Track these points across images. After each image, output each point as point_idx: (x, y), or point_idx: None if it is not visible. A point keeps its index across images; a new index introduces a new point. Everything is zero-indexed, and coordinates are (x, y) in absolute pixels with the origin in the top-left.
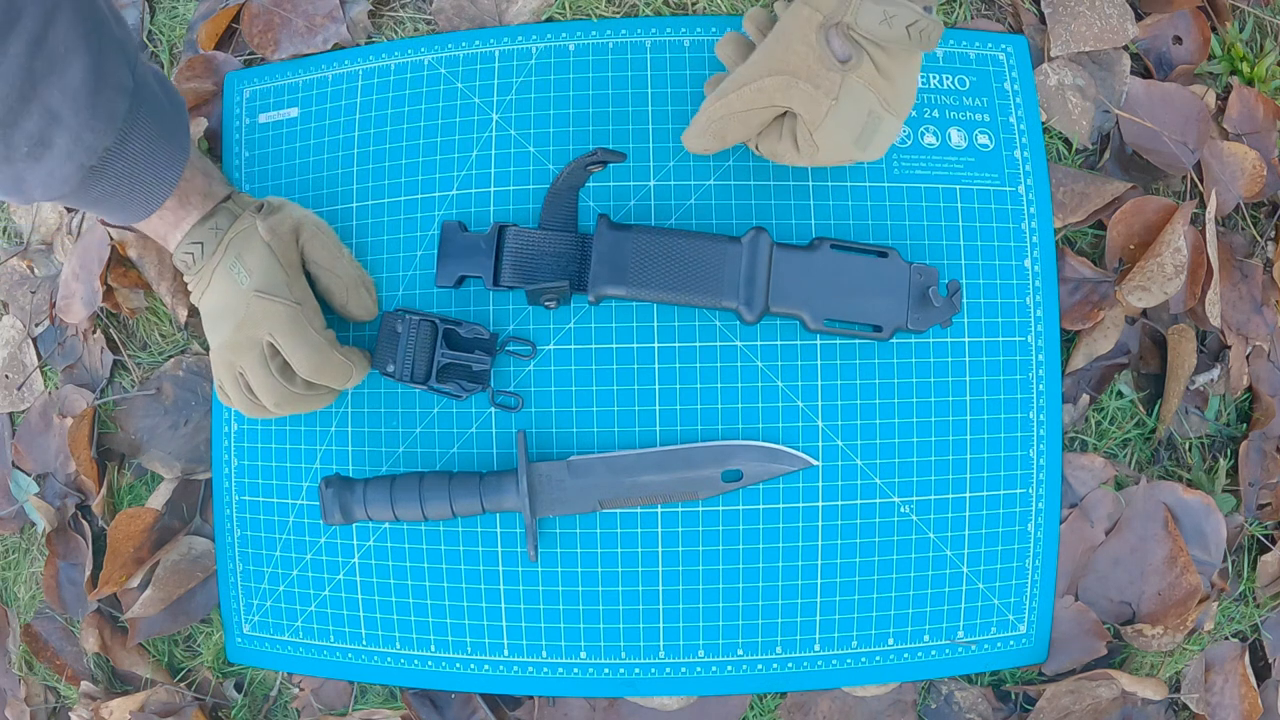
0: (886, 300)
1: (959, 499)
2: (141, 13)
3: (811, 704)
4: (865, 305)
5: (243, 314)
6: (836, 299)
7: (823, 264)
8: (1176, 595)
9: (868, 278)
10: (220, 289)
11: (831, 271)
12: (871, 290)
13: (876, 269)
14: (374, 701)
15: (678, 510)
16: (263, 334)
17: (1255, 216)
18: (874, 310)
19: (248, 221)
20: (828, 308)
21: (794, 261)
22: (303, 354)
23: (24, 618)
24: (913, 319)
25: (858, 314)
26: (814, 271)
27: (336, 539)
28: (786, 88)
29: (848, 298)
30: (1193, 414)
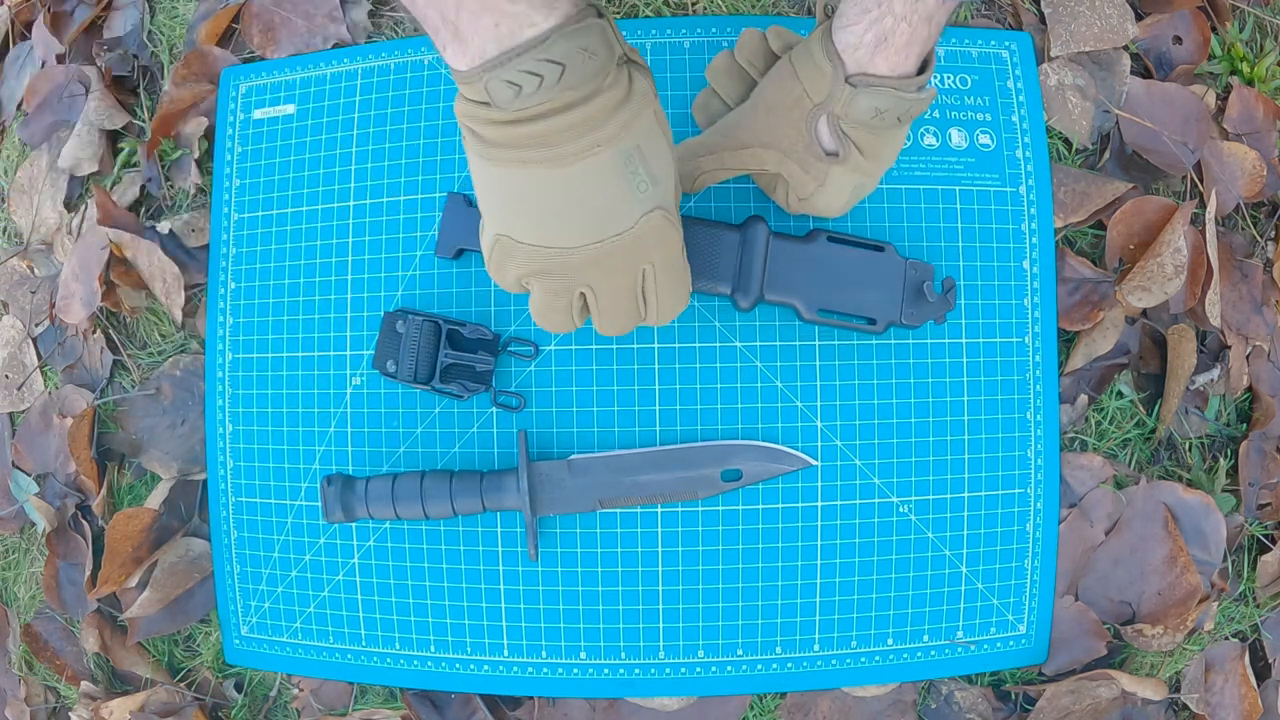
0: (881, 294)
1: (958, 499)
2: (141, 13)
3: (811, 704)
4: (860, 298)
5: (630, 232)
6: (831, 290)
7: (819, 255)
8: (1176, 595)
9: (863, 271)
10: (597, 179)
11: (827, 263)
12: (867, 284)
13: (872, 263)
14: (374, 701)
15: (678, 510)
16: (647, 263)
17: (1255, 216)
18: (869, 303)
19: (647, 91)
20: (823, 298)
21: (790, 251)
22: (674, 295)
23: (24, 618)
24: (907, 314)
25: (853, 306)
26: (810, 262)
27: (336, 539)
28: (779, 163)
29: (843, 290)
30: (1193, 414)
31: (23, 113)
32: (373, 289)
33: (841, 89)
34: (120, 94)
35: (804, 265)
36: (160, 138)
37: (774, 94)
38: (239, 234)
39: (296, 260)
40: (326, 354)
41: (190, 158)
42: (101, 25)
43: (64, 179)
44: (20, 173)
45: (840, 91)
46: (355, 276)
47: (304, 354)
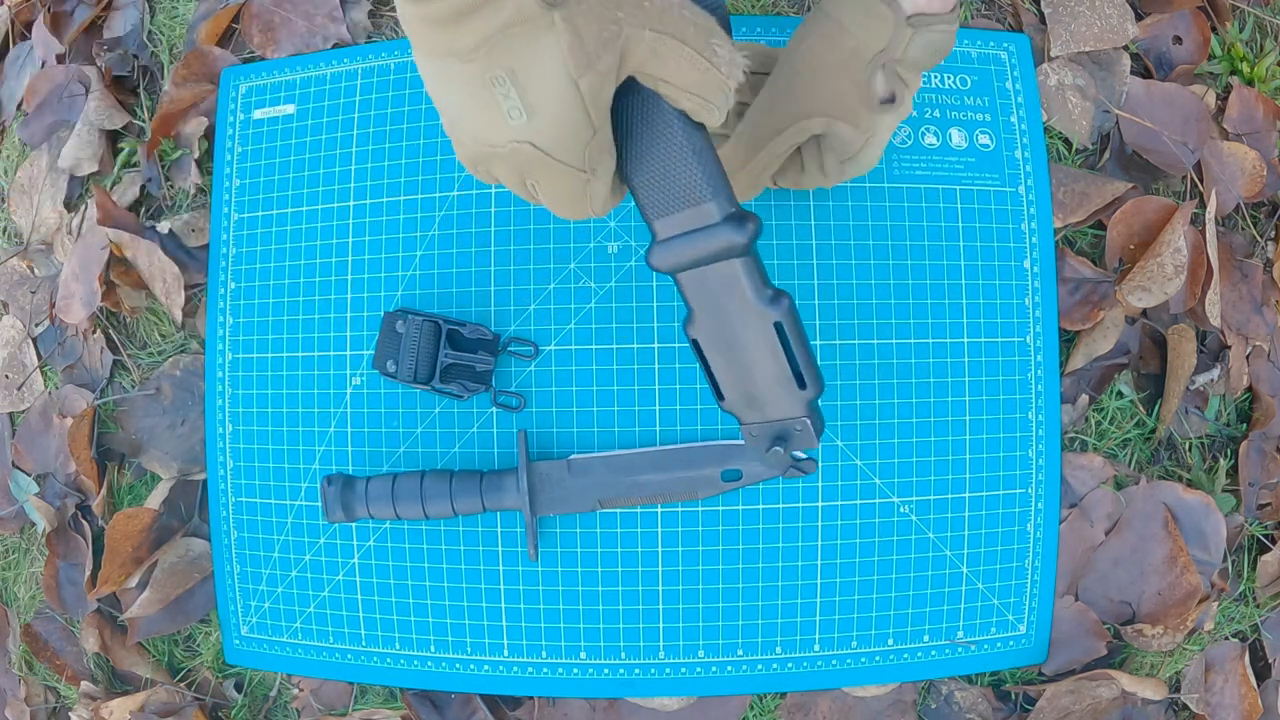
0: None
1: (958, 499)
2: (141, 13)
3: (811, 704)
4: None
5: (502, 151)
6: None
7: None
8: (1176, 595)
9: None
10: (463, 87)
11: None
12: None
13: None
14: (374, 701)
15: (678, 510)
16: (531, 179)
17: (1255, 216)
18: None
19: (553, 24)
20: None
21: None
22: (568, 211)
23: (24, 618)
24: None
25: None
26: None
27: (336, 539)
28: (826, 126)
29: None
30: (1193, 414)
31: (23, 113)
32: (373, 289)
33: (903, 32)
34: (120, 94)
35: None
36: (160, 138)
37: (819, 55)
38: (239, 234)
39: (296, 260)
40: (326, 354)
41: (190, 158)
42: (101, 25)
43: (64, 179)
44: (20, 173)
45: (902, 35)
46: (355, 276)
47: (304, 354)
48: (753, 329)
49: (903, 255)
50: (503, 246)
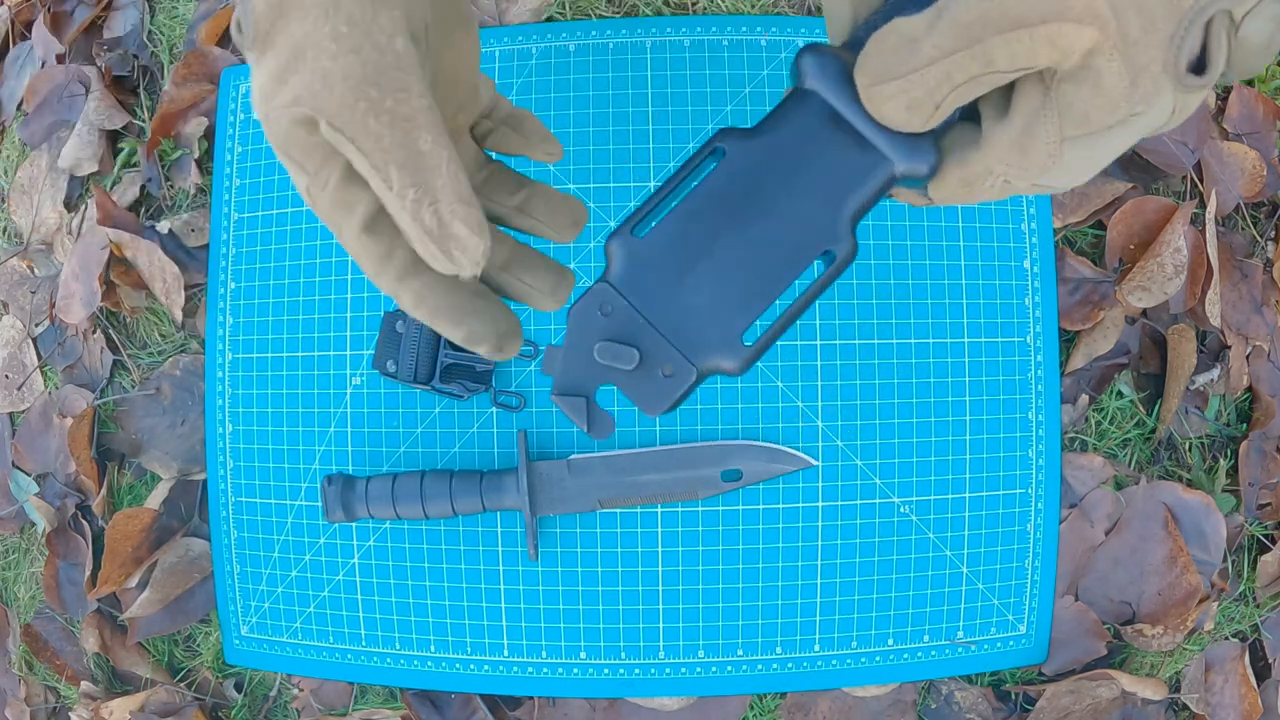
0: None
1: (959, 499)
2: (141, 13)
3: (811, 704)
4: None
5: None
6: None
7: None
8: (1176, 595)
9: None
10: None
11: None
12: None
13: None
14: (374, 701)
15: (678, 510)
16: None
17: (1255, 216)
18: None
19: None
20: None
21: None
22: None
23: (24, 618)
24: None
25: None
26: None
27: (336, 539)
28: (1090, 56)
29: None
30: (1193, 414)
31: (23, 113)
32: (373, 289)
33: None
34: (120, 94)
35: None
36: (160, 138)
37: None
38: (239, 234)
39: (296, 260)
40: (326, 354)
41: (190, 158)
42: (101, 25)
43: (64, 179)
44: (20, 173)
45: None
46: (355, 276)
47: (304, 354)
48: (801, 229)
49: (903, 255)
50: None
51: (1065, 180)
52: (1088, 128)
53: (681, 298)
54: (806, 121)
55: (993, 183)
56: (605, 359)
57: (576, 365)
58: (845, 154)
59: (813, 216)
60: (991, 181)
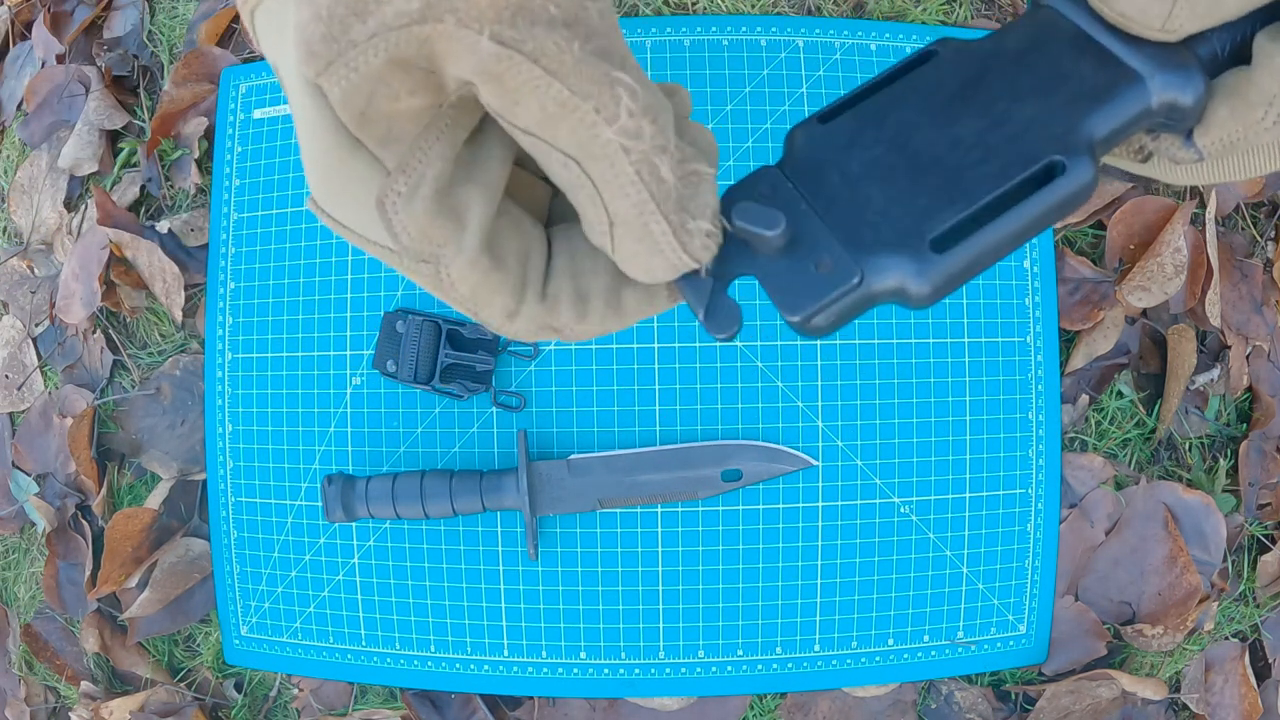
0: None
1: (959, 499)
2: (141, 13)
3: (811, 704)
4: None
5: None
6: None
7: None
8: (1176, 595)
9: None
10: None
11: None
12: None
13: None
14: (374, 701)
15: (678, 510)
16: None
17: (1255, 216)
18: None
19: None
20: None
21: None
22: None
23: (24, 618)
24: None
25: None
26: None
27: (336, 539)
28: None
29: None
30: (1193, 414)
31: (23, 113)
32: (373, 289)
33: None
34: (120, 94)
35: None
36: (160, 138)
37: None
38: (239, 234)
39: (296, 260)
40: (326, 354)
41: (190, 158)
42: (101, 25)
43: (64, 179)
44: (20, 173)
45: None
46: (355, 276)
47: (304, 354)
48: (1022, 133)
49: None
50: None
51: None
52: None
53: (862, 190)
54: (1042, 33)
55: (1276, 115)
56: (744, 221)
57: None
58: (1091, 68)
59: (1043, 122)
60: (1275, 114)
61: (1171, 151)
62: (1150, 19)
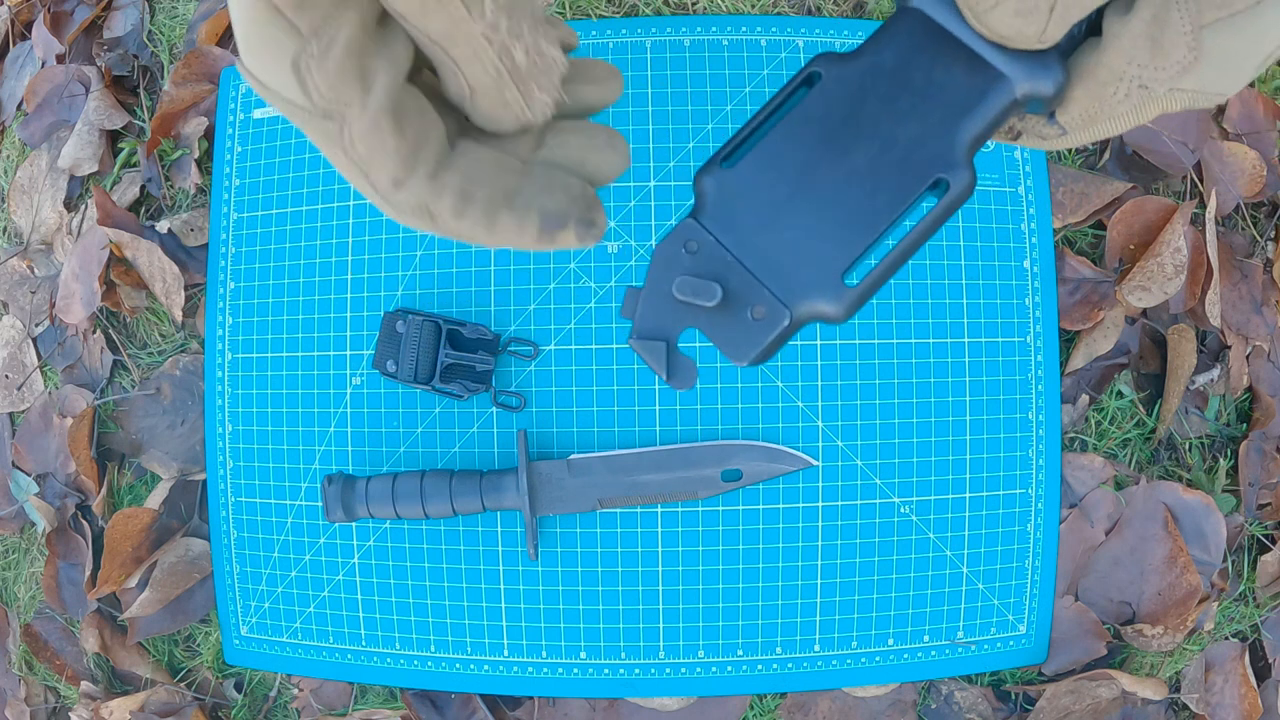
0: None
1: (959, 499)
2: (141, 13)
3: (811, 704)
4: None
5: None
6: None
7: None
8: (1176, 595)
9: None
10: None
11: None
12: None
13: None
14: (374, 701)
15: (678, 510)
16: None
17: (1255, 216)
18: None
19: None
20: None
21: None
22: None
23: (24, 618)
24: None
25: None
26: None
27: (336, 539)
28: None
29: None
30: (1193, 414)
31: (23, 113)
32: (373, 289)
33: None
34: (120, 94)
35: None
36: (160, 138)
37: None
38: (239, 234)
39: (296, 260)
40: (326, 354)
41: (190, 158)
42: (101, 25)
43: (64, 179)
44: (20, 173)
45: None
46: (355, 276)
47: (304, 354)
48: (908, 155)
49: None
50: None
51: (1216, 81)
52: (1228, 7)
53: (776, 234)
54: (912, 41)
55: (1126, 89)
56: (684, 295)
57: (657, 307)
58: (959, 75)
59: (923, 141)
60: (1125, 88)
61: (1038, 129)
62: (1028, 39)
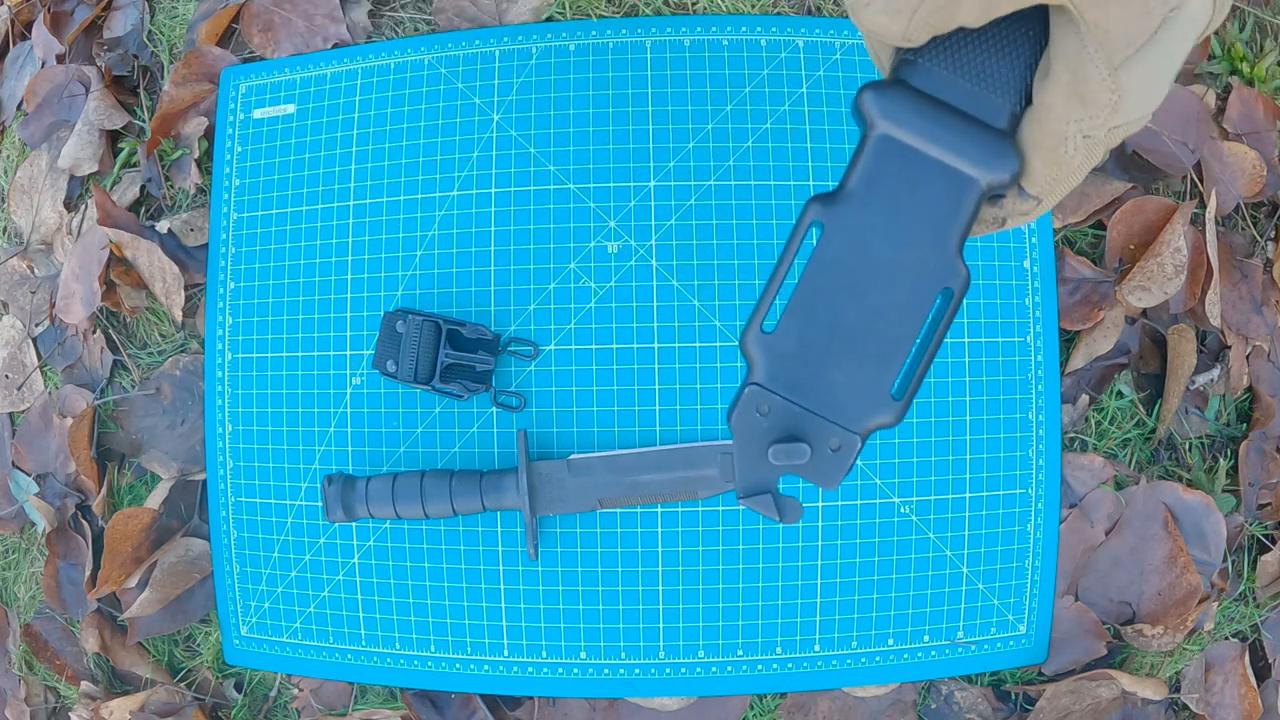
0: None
1: (959, 499)
2: (141, 13)
3: (811, 704)
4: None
5: None
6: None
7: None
8: (1176, 595)
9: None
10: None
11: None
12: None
13: None
14: (374, 701)
15: (678, 510)
16: None
17: (1255, 216)
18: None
19: None
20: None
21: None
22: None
23: (24, 618)
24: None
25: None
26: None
27: (336, 539)
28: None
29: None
30: (1193, 414)
31: (23, 113)
32: (373, 289)
33: None
34: (120, 94)
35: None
36: (160, 138)
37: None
38: (239, 234)
39: (296, 260)
40: (326, 354)
41: (190, 158)
42: (101, 25)
43: (64, 179)
44: (20, 173)
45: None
46: (355, 276)
47: (304, 354)
48: (914, 277)
49: None
50: (503, 246)
51: (1143, 106)
52: (1132, 44)
53: (826, 375)
54: (889, 167)
55: (1074, 144)
56: (781, 460)
57: (753, 467)
58: (934, 188)
59: (923, 263)
60: (1072, 145)
61: (1017, 208)
62: (893, 35)
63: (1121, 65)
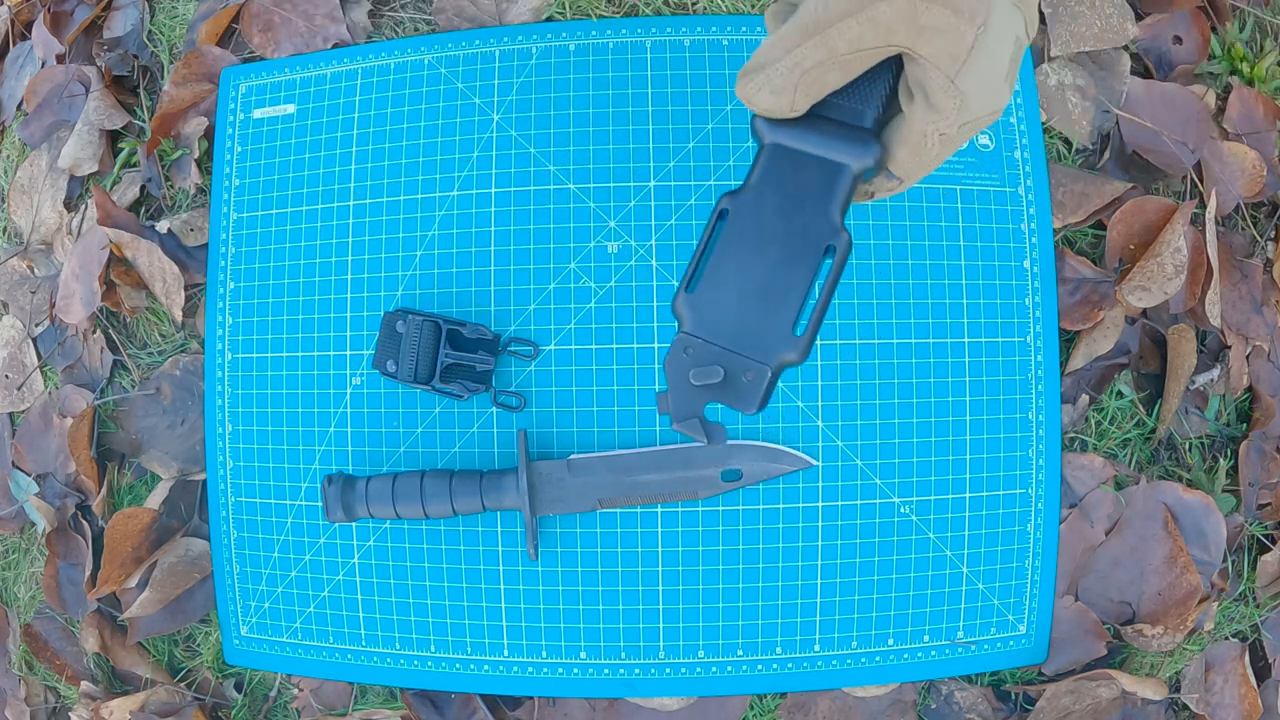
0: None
1: (959, 499)
2: (141, 13)
3: (811, 704)
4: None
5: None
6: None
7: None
8: (1176, 595)
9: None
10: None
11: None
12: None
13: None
14: (374, 701)
15: (678, 510)
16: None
17: (1255, 216)
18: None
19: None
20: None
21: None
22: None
23: (24, 618)
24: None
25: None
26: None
27: (336, 539)
28: (911, 17)
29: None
30: (1193, 414)
31: (23, 113)
32: (373, 289)
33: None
34: (120, 94)
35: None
36: (160, 138)
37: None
38: (239, 234)
39: (296, 260)
40: (326, 354)
41: (190, 158)
42: (101, 25)
43: (64, 179)
44: (20, 173)
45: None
46: (355, 276)
47: (304, 354)
48: (803, 239)
49: (903, 255)
50: (503, 246)
51: (984, 106)
52: (958, 59)
53: (738, 321)
54: (779, 164)
55: (933, 140)
56: (699, 380)
57: (680, 397)
58: (815, 174)
59: (809, 229)
60: (931, 141)
61: (884, 185)
62: (782, 110)
63: (956, 76)
